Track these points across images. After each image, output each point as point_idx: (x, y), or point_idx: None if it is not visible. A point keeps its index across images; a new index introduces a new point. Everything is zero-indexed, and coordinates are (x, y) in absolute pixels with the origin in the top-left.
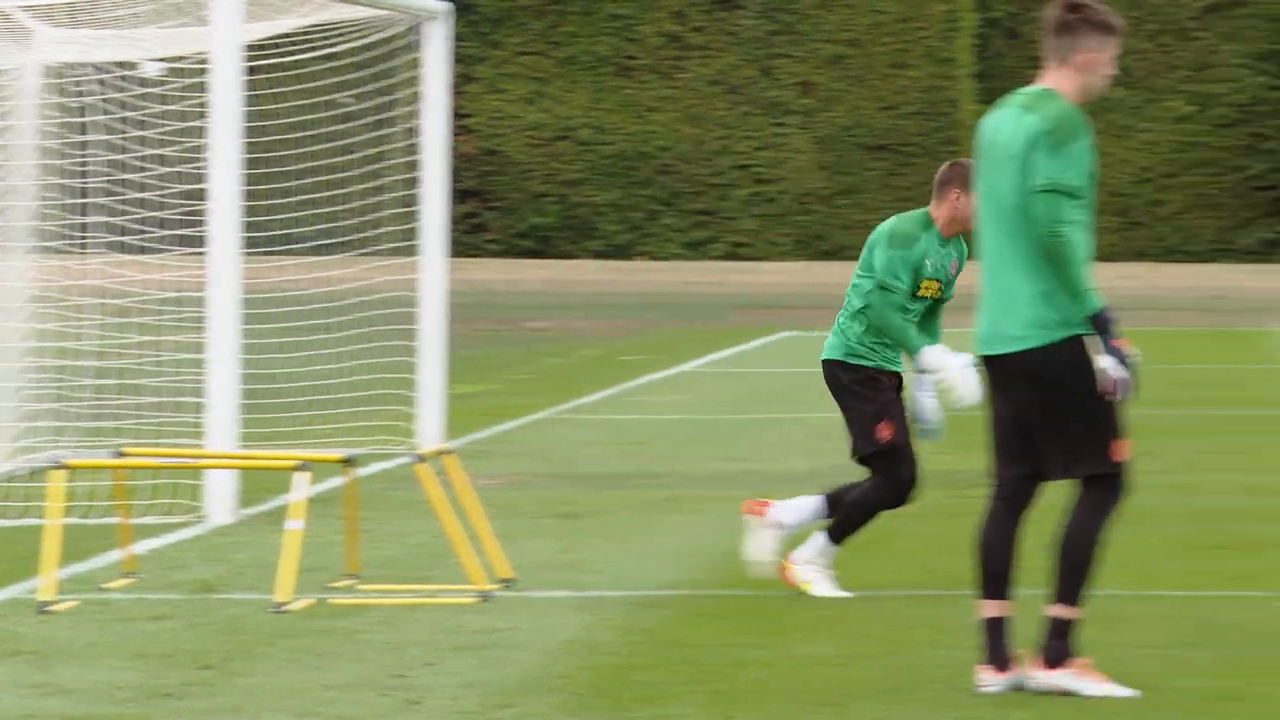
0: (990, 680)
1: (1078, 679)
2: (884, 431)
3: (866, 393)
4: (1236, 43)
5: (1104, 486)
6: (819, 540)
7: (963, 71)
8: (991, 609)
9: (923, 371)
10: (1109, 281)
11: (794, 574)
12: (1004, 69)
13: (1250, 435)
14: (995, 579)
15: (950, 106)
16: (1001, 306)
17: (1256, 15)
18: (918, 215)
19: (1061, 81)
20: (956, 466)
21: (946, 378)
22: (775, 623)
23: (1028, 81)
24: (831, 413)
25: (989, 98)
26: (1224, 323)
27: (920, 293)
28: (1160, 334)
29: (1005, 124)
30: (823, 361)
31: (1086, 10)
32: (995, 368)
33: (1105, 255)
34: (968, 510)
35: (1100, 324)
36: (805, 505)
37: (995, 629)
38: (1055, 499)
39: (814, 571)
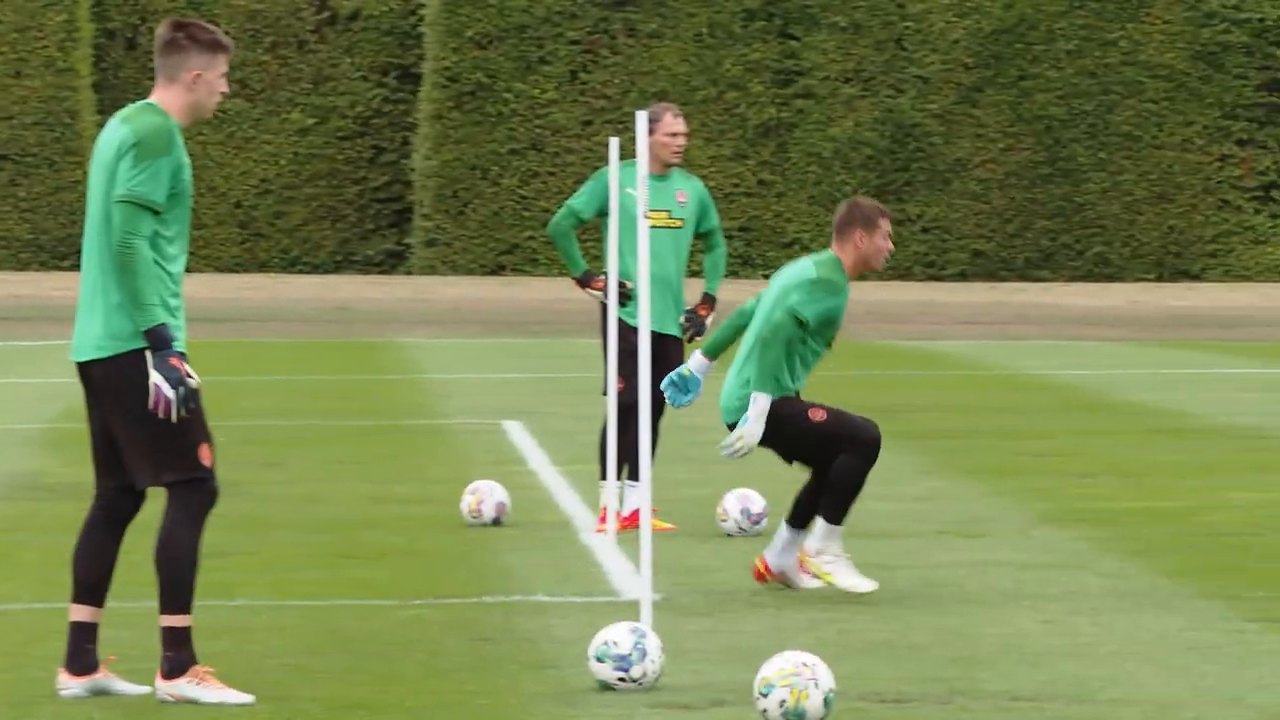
0: (68, 684)
1: (198, 687)
2: (817, 414)
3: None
4: (355, 55)
5: (190, 492)
6: (822, 527)
7: (82, 82)
8: (79, 613)
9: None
10: (233, 292)
11: (812, 567)
12: (123, 80)
13: (375, 445)
14: (86, 586)
15: (71, 117)
16: (89, 314)
17: (372, 29)
18: (834, 260)
19: (168, 97)
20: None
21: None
22: None
23: (147, 93)
24: None
25: (108, 108)
26: (348, 334)
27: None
28: (285, 345)
29: (106, 134)
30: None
31: (192, 29)
32: (83, 375)
33: (229, 267)
34: None
35: (155, 340)
36: (782, 540)
37: (80, 633)
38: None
39: (830, 562)
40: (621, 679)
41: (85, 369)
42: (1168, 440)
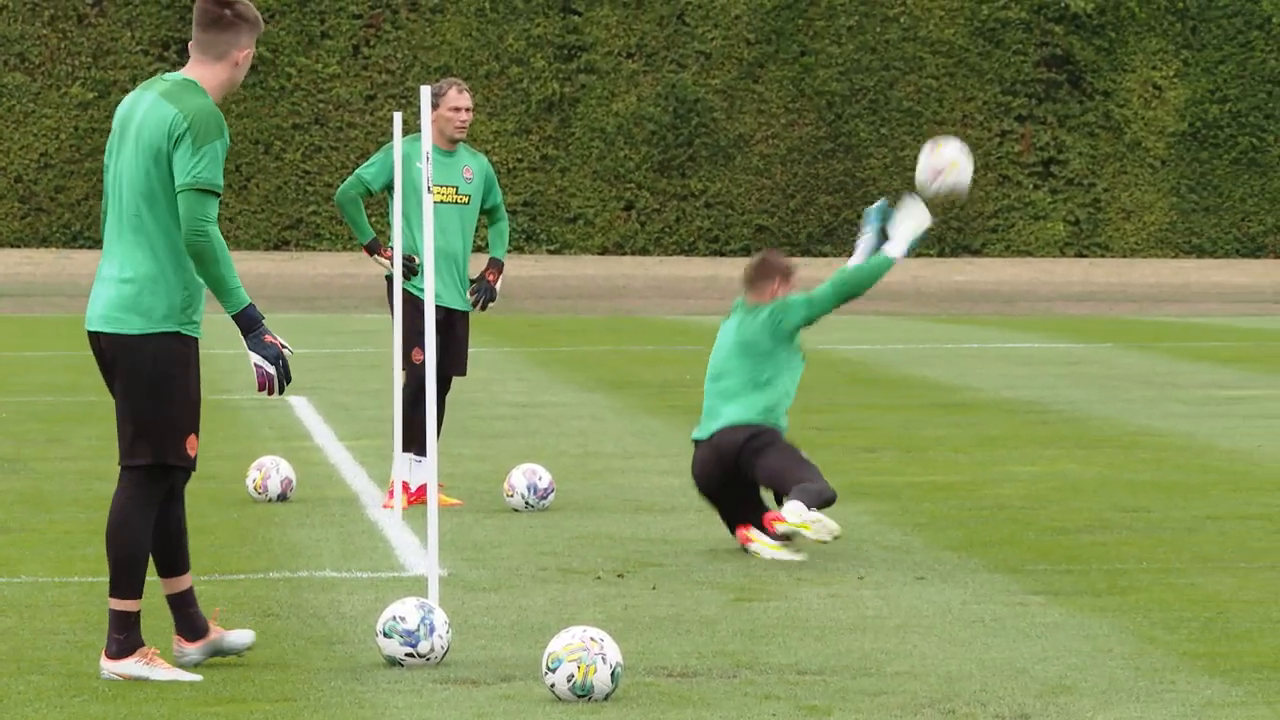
0: (187, 650)
1: (147, 666)
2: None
3: None
4: (135, 29)
5: (152, 479)
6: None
7: None
8: (169, 586)
9: None
10: (14, 267)
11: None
12: None
13: None
14: (160, 563)
15: None
16: (109, 288)
17: (152, 2)
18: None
19: (209, 75)
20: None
21: None
22: None
23: None
24: None
25: None
26: None
27: None
28: (67, 320)
29: (142, 110)
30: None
31: (238, 6)
32: (92, 342)
33: (9, 241)
34: None
35: (247, 322)
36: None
37: (179, 602)
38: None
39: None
40: (409, 654)
41: (94, 337)
42: (950, 414)
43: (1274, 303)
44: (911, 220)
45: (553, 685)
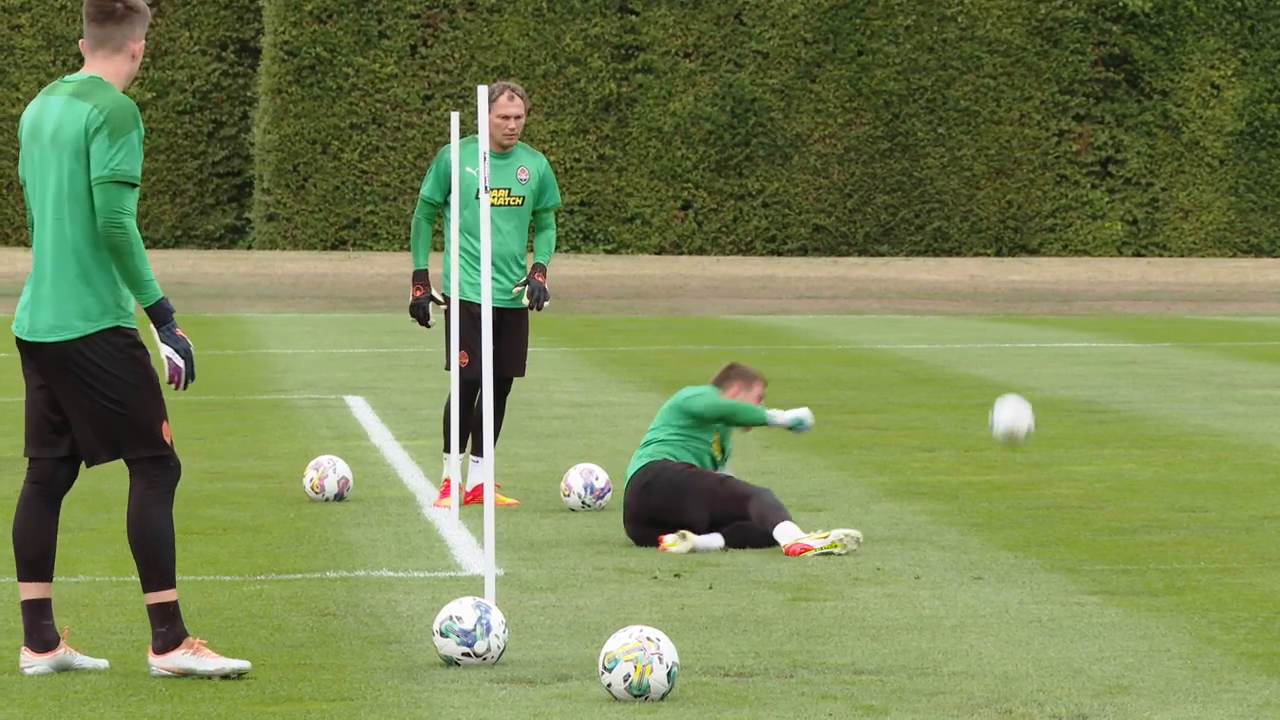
0: (32, 661)
1: (194, 658)
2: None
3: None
4: (193, 29)
5: (155, 468)
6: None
7: None
8: (30, 591)
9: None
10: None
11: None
12: None
13: (215, 420)
14: (30, 563)
15: None
16: (48, 294)
17: (210, 2)
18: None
19: (110, 69)
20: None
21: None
22: None
23: None
24: None
25: None
26: (187, 308)
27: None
28: None
29: (54, 111)
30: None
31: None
32: (33, 353)
33: None
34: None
35: (160, 314)
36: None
37: (34, 610)
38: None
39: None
40: (466, 654)
41: (37, 348)
42: None
43: None
44: (806, 421)
45: (609, 685)
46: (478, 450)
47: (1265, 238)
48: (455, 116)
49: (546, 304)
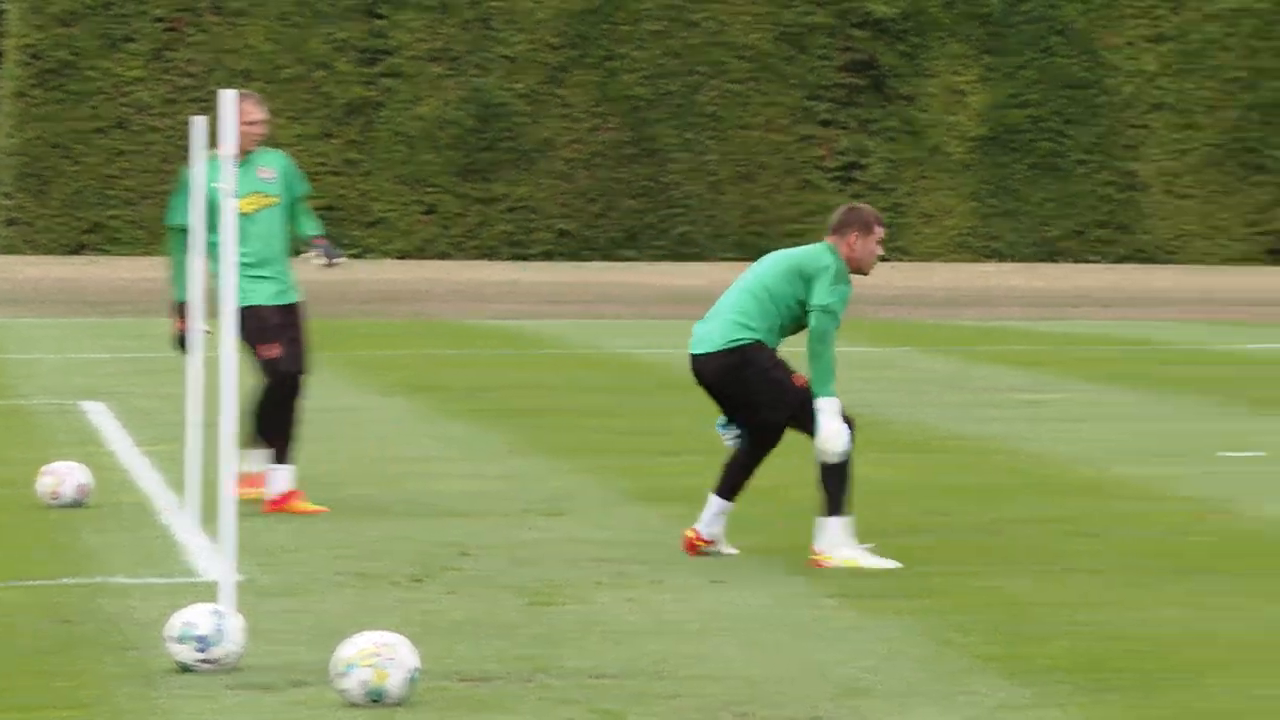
0: None
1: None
2: (800, 379)
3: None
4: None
5: None
6: (835, 522)
7: None
8: None
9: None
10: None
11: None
12: None
13: None
14: None
15: None
16: None
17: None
18: (834, 249)
19: None
20: None
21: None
22: None
23: None
24: None
25: None
26: None
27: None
28: None
29: None
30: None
31: None
32: None
33: None
34: None
35: None
36: (711, 511)
37: None
38: None
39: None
40: (202, 660)
41: None
42: None
43: (1072, 306)
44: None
45: (345, 690)
46: (248, 444)
47: (1006, 243)
48: (199, 121)
49: (340, 259)
